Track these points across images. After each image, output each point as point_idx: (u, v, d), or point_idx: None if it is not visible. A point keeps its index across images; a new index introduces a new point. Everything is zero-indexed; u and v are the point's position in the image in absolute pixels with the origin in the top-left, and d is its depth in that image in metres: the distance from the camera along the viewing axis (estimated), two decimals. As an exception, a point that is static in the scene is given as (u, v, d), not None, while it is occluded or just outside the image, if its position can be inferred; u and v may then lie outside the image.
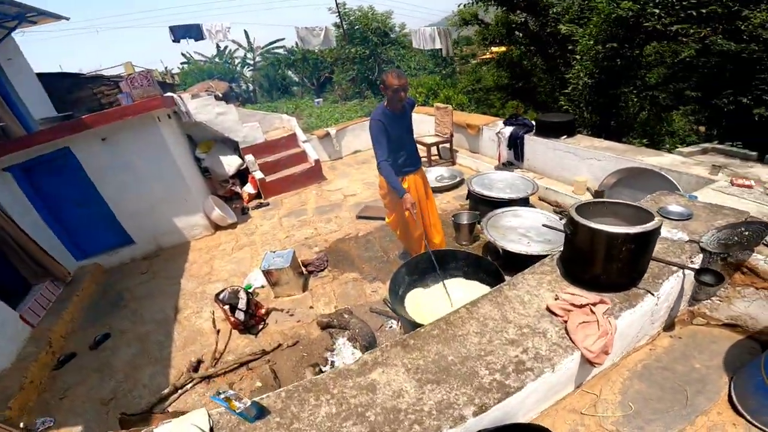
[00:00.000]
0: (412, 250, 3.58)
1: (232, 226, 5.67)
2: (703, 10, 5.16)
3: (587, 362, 1.62)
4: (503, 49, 10.31)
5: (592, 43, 6.18)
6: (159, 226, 5.38)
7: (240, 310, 3.36)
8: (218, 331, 3.52)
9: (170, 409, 2.85)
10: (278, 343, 3.22)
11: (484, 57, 14.76)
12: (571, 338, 1.63)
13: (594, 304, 1.74)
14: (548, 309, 1.80)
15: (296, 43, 12.35)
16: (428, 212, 3.47)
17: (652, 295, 1.83)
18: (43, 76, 7.15)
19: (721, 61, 5.46)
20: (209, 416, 1.61)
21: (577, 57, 6.69)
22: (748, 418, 1.55)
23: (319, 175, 6.74)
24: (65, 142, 4.67)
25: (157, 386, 3.11)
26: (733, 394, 1.67)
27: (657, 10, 5.32)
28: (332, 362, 2.87)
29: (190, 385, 3.02)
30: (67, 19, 6.84)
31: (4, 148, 4.47)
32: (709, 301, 2.11)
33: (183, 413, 2.54)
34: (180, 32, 10.10)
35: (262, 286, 4.01)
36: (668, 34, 5.45)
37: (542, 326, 1.72)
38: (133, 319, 4.09)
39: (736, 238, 2.02)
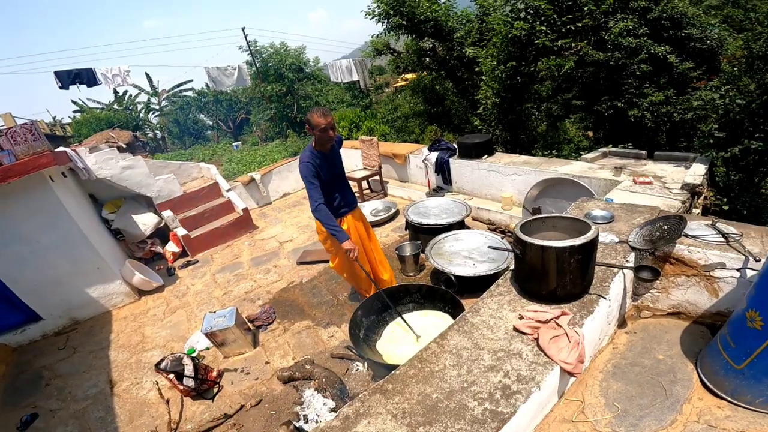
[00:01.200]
0: (362, 290, 3.49)
1: (159, 289, 5.10)
2: (579, 24, 5.87)
3: (566, 373, 1.66)
4: (414, 75, 10.84)
5: (495, 63, 6.69)
6: (70, 298, 4.67)
7: (188, 377, 3.03)
8: (167, 401, 3.14)
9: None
10: (240, 405, 2.94)
11: (397, 85, 15.47)
12: (546, 354, 1.65)
13: (557, 317, 1.79)
14: (516, 329, 1.81)
15: (206, 85, 11.81)
16: (372, 250, 3.41)
17: (604, 298, 1.93)
18: None
19: (595, 70, 6.24)
20: None
21: (483, 78, 7.19)
22: (731, 400, 1.63)
23: (250, 224, 6.38)
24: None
25: (113, 464, 2.65)
26: (704, 379, 1.76)
27: (544, 28, 5.93)
28: (305, 416, 2.70)
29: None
30: None
31: None
32: (649, 294, 2.29)
33: None
34: (68, 78, 9.14)
35: (207, 348, 3.66)
36: (554, 49, 6.08)
37: (515, 347, 1.73)
38: (61, 397, 3.56)
39: (658, 233, 2.23)
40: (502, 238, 3.88)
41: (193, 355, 3.35)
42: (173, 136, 18.94)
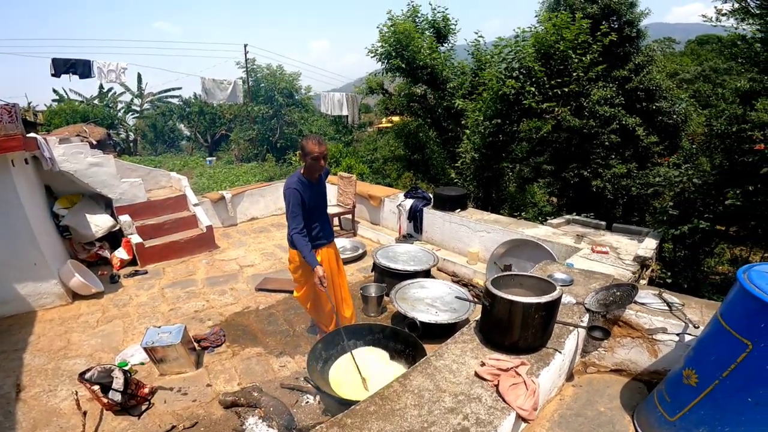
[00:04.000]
0: (323, 324, 3.42)
1: (98, 295, 4.74)
2: (566, 89, 6.11)
3: (520, 419, 1.70)
4: (400, 119, 11.10)
5: (481, 118, 6.84)
6: (-6, 292, 4.23)
7: (115, 390, 2.79)
8: (84, 413, 2.84)
9: None
10: (172, 425, 2.72)
11: (381, 125, 15.88)
12: (504, 400, 1.70)
13: (517, 367, 1.86)
14: (477, 375, 1.85)
15: (195, 95, 11.72)
16: (339, 286, 3.38)
17: (560, 352, 2.04)
18: None
19: (569, 136, 6.43)
20: None
21: (467, 132, 7.37)
22: None
23: (211, 242, 6.13)
24: None
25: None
26: (639, 430, 1.91)
27: (533, 89, 6.11)
28: None
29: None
30: None
31: None
32: (596, 351, 2.44)
33: None
34: (64, 66, 8.89)
35: (142, 363, 3.40)
36: (538, 111, 6.24)
37: (475, 392, 1.76)
38: None
39: (611, 299, 2.40)
40: (469, 290, 3.95)
41: (125, 368, 3.10)
42: (146, 140, 18.43)
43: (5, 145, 3.93)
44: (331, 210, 6.24)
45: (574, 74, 6.09)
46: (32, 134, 4.91)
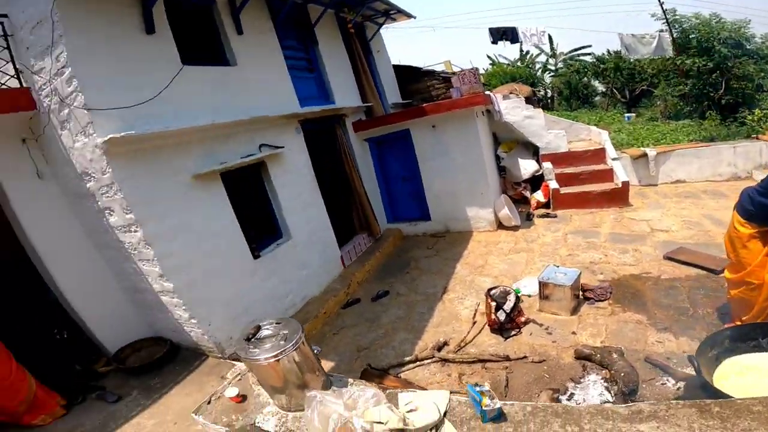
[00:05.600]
0: (738, 315, 2.85)
1: (514, 228, 5.80)
2: None
3: None
4: None
5: None
6: (452, 211, 6.08)
7: (504, 311, 3.42)
8: (474, 323, 3.67)
9: (403, 376, 3.17)
10: (524, 355, 3.15)
11: None
12: None
13: None
14: None
15: (608, 51, 11.07)
16: None
17: None
18: (393, 67, 8.05)
19: None
20: (449, 400, 1.77)
21: None
22: None
23: (624, 199, 5.94)
24: (407, 125, 5.83)
25: (402, 351, 3.51)
26: None
27: None
28: (572, 394, 2.70)
29: (428, 360, 3.29)
30: (415, 17, 7.52)
31: (369, 124, 6.00)
32: None
33: (411, 383, 2.88)
34: (497, 34, 10.66)
35: (529, 296, 3.96)
36: None
37: None
38: (410, 286, 4.71)
39: None
40: None
41: (518, 295, 3.68)
42: (562, 96, 19.34)
43: (473, 100, 5.36)
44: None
45: None
46: (487, 92, 6.36)
